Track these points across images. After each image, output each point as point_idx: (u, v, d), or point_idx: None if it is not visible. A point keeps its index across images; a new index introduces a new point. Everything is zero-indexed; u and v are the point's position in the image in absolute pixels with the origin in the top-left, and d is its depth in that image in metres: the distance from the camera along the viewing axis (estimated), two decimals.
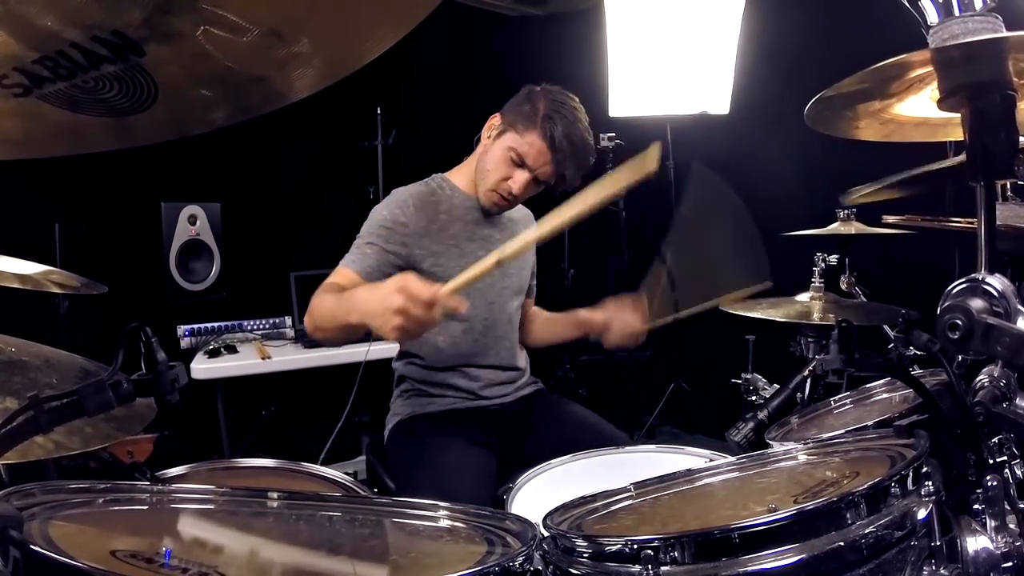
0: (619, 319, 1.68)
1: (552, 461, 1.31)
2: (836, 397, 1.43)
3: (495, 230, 1.76)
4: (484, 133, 1.71)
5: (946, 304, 0.79)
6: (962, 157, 1.04)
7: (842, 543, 0.70)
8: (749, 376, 2.13)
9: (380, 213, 1.64)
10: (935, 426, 0.88)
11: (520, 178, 1.62)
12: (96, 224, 2.95)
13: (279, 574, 0.76)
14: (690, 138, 3.54)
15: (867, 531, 0.71)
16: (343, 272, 1.57)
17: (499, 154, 1.64)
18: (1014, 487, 0.84)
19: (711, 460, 1.21)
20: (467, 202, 1.72)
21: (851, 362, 0.90)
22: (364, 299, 1.28)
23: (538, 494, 1.20)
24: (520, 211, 1.88)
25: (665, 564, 0.71)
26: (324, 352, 2.69)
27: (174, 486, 0.93)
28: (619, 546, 0.75)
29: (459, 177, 1.76)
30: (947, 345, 0.78)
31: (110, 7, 0.58)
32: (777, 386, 1.81)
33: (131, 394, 0.71)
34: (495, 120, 1.69)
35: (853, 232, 2.06)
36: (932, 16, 1.03)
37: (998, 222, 1.01)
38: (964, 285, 0.84)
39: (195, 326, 2.82)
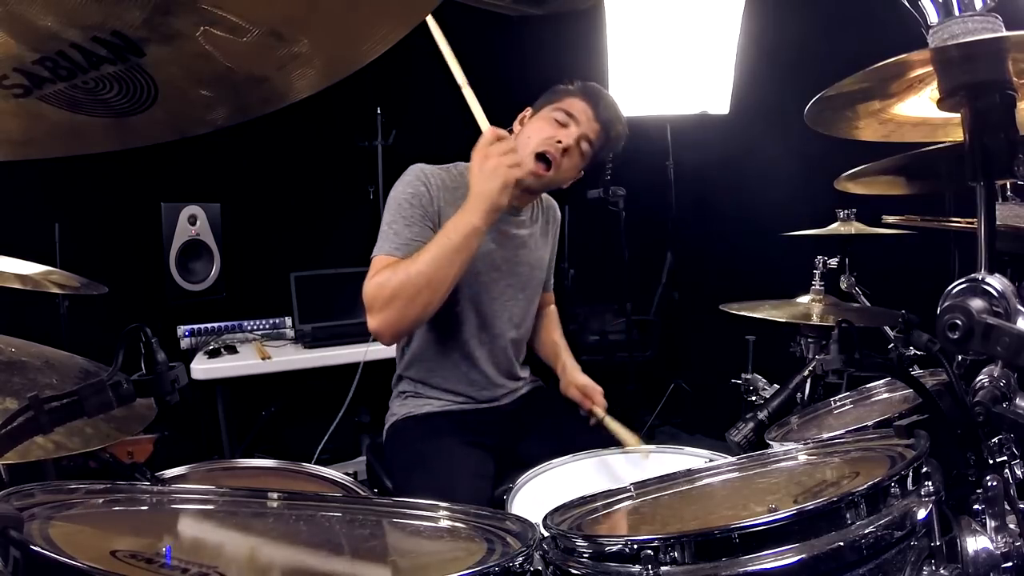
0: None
1: (552, 461, 1.30)
2: (836, 397, 1.44)
3: (512, 226, 1.71)
4: (515, 126, 1.69)
5: (946, 304, 0.79)
6: (959, 137, 1.04)
7: (842, 543, 0.70)
8: (749, 376, 2.13)
9: (403, 192, 1.58)
10: (935, 426, 0.88)
11: (571, 132, 1.58)
12: (96, 224, 2.95)
13: (279, 574, 0.76)
14: (690, 138, 3.54)
15: (867, 531, 0.71)
16: (381, 260, 1.50)
17: (541, 123, 1.60)
18: (1014, 487, 0.84)
19: (711, 460, 1.21)
20: None
21: (851, 362, 0.90)
22: (473, 198, 1.38)
23: (538, 494, 1.20)
24: (545, 202, 1.84)
25: (665, 564, 0.71)
26: (324, 352, 2.69)
27: (174, 486, 0.93)
28: (619, 546, 0.75)
29: None
30: (947, 345, 0.78)
31: (110, 7, 0.58)
32: (777, 386, 1.82)
33: (131, 394, 0.71)
34: (527, 111, 1.69)
35: (853, 232, 2.06)
36: (932, 16, 1.03)
37: (998, 222, 1.01)
38: (964, 285, 0.84)
39: (195, 326, 2.82)
